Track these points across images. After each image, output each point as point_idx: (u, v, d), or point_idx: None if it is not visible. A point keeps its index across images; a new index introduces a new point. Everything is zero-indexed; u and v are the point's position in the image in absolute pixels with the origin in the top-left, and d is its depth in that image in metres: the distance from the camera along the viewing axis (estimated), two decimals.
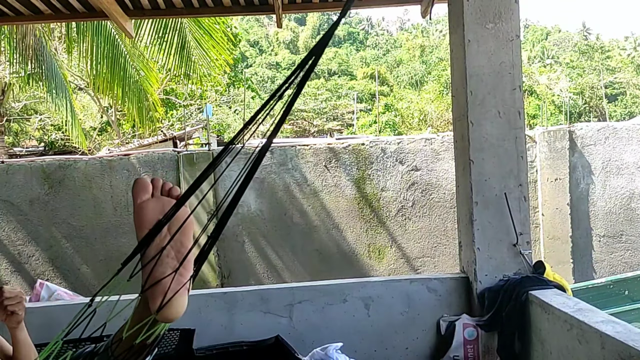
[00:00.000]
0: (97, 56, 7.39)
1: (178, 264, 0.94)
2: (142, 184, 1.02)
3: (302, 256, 5.85)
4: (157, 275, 0.93)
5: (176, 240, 0.96)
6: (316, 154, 5.81)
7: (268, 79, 39.08)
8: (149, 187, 1.02)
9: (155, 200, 1.02)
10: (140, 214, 1.00)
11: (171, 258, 0.96)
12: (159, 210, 1.00)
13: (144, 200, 1.01)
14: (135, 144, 12.46)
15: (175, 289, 0.92)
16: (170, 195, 1.03)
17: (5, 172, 5.55)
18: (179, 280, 0.94)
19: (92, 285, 5.40)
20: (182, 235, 0.97)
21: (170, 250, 0.96)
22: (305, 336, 2.79)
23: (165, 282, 0.92)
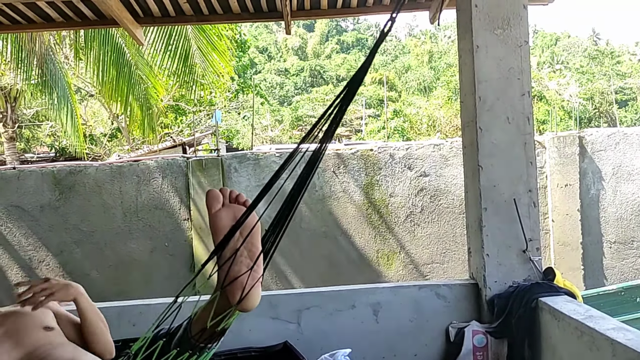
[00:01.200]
0: (104, 63, 7.47)
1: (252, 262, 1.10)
2: (214, 195, 1.20)
3: (311, 262, 5.85)
4: (234, 273, 1.09)
5: (247, 242, 1.13)
6: (324, 160, 5.82)
7: (277, 85, 39.20)
8: (220, 197, 1.20)
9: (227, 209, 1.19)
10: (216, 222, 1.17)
11: (244, 257, 1.12)
12: (231, 217, 1.17)
13: (218, 209, 1.18)
14: (145, 150, 12.53)
15: (251, 283, 1.09)
16: (237, 202, 1.22)
17: (17, 177, 5.61)
18: (254, 276, 1.10)
19: (102, 291, 5.42)
20: (252, 238, 1.15)
21: (243, 250, 1.12)
22: (314, 342, 2.79)
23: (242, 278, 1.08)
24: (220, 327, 1.13)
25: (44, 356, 1.63)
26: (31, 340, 1.67)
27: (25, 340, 1.66)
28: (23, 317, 1.73)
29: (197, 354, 1.20)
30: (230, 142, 17.56)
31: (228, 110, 18.18)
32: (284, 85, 39.75)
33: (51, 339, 1.72)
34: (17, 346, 1.64)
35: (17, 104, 12.00)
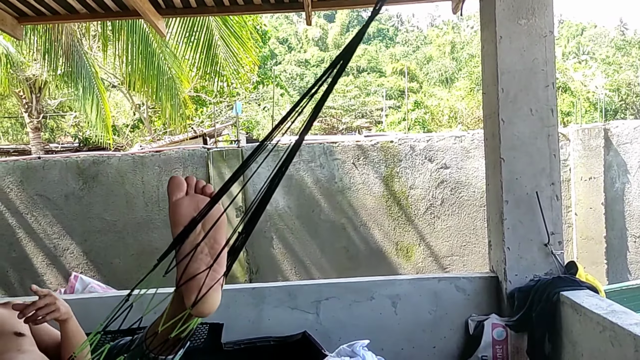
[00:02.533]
0: (131, 54, 7.54)
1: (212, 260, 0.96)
2: (177, 182, 1.05)
3: (330, 253, 5.86)
4: (191, 271, 0.96)
5: (210, 237, 0.98)
6: (344, 152, 5.81)
7: (297, 76, 39.18)
8: (184, 185, 1.06)
9: (190, 198, 1.05)
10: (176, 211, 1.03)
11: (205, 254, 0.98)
12: (194, 207, 1.03)
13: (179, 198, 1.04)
14: (167, 140, 12.66)
15: (209, 284, 0.94)
16: (204, 193, 1.06)
17: (42, 167, 5.71)
18: (213, 276, 0.96)
19: (124, 279, 5.51)
20: (215, 233, 1.00)
21: (204, 247, 0.98)
22: (332, 332, 2.80)
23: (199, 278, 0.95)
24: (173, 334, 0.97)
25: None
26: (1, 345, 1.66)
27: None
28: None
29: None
30: (250, 133, 17.63)
31: (248, 102, 18.24)
32: (304, 76, 39.69)
33: (20, 345, 1.70)
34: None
35: (41, 95, 12.20)
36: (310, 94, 0.94)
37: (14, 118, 16.94)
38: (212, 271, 0.96)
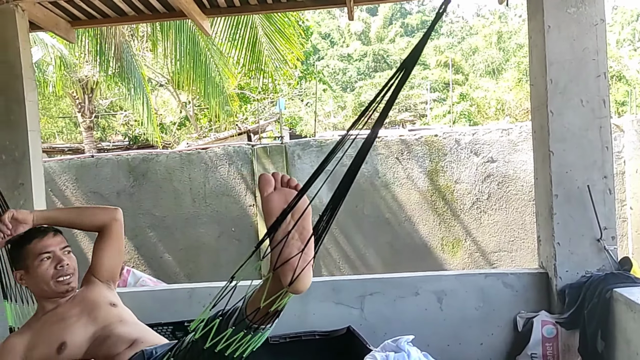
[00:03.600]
0: (179, 53, 7.72)
1: (303, 245, 1.12)
2: (266, 179, 1.23)
3: (374, 248, 5.85)
4: (285, 255, 1.12)
5: (299, 225, 1.14)
6: (388, 146, 5.78)
7: (339, 71, 39.09)
8: (272, 181, 1.23)
9: (278, 192, 1.22)
10: (268, 205, 1.20)
11: (296, 240, 1.14)
12: (283, 200, 1.19)
13: (270, 193, 1.21)
14: (212, 137, 12.89)
15: (302, 265, 1.11)
16: (289, 186, 1.24)
17: (95, 165, 5.93)
18: (304, 258, 1.12)
19: (173, 273, 5.67)
20: (303, 221, 1.15)
21: (294, 233, 1.14)
22: (377, 328, 2.81)
23: (293, 260, 1.10)
24: (273, 308, 1.16)
25: (113, 331, 1.77)
26: (102, 314, 1.84)
27: (98, 315, 1.84)
28: (91, 295, 1.93)
29: (252, 334, 1.23)
30: (293, 129, 17.74)
31: (291, 98, 18.35)
32: (347, 70, 39.56)
33: (120, 315, 1.88)
34: (93, 321, 1.82)
35: (93, 95, 12.63)
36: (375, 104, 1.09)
37: (68, 118, 17.63)
38: (304, 254, 1.12)
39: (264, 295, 1.16)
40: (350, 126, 1.15)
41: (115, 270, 2.08)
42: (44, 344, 1.78)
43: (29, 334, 1.83)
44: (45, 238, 1.89)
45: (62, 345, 1.75)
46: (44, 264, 1.85)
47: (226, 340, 1.20)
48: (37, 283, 1.87)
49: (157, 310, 2.78)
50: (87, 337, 1.77)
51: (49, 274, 1.85)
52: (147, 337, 1.78)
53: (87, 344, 1.76)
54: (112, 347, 1.71)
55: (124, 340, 1.73)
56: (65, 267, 1.87)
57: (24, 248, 1.88)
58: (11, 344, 1.81)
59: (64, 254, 1.90)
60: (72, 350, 1.74)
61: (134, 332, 1.78)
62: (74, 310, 1.85)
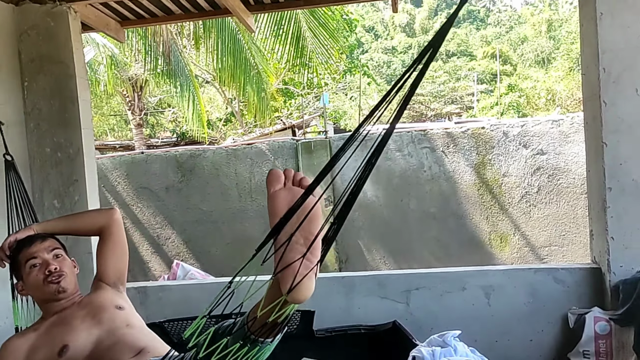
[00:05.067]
0: (221, 50, 7.85)
1: (305, 249, 1.01)
2: (275, 175, 1.11)
3: (419, 243, 5.79)
4: (287, 260, 1.01)
5: (304, 227, 1.02)
6: (433, 139, 5.70)
7: (384, 64, 38.77)
8: (282, 178, 1.12)
9: (287, 190, 1.10)
10: (273, 203, 1.09)
11: (300, 244, 1.02)
12: (290, 199, 1.07)
13: (277, 189, 1.10)
14: (257, 133, 13.04)
15: (304, 273, 0.99)
16: (301, 185, 1.11)
17: (145, 161, 6.10)
18: (307, 264, 1.00)
19: (221, 266, 5.78)
20: (309, 223, 1.03)
21: (299, 237, 1.02)
22: (423, 322, 2.79)
23: (294, 266, 0.99)
24: (271, 318, 1.04)
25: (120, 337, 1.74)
26: (106, 317, 1.81)
27: (103, 318, 1.80)
28: (97, 298, 1.90)
29: (249, 346, 1.12)
30: (337, 124, 17.73)
31: (335, 92, 18.34)
32: (391, 63, 39.18)
33: (127, 319, 1.84)
34: (97, 324, 1.78)
35: (143, 93, 12.99)
36: (400, 83, 0.94)
37: (118, 115, 18.20)
38: (306, 260, 1.00)
39: (262, 302, 1.07)
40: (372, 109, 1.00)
41: (122, 272, 2.05)
42: (46, 346, 1.76)
43: (33, 336, 1.81)
44: (33, 245, 1.88)
45: (64, 347, 1.72)
46: (33, 270, 1.85)
47: (221, 352, 1.10)
48: (33, 290, 1.87)
49: (204, 302, 2.85)
50: (91, 341, 1.74)
51: (39, 280, 1.84)
52: (154, 345, 1.74)
53: (90, 347, 1.73)
54: (117, 354, 1.68)
55: (131, 348, 1.69)
56: (52, 270, 1.84)
57: (16, 259, 1.90)
58: (14, 345, 1.81)
59: (53, 257, 1.88)
60: (74, 353, 1.71)
61: (141, 339, 1.74)
62: (78, 314, 1.83)
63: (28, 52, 3.03)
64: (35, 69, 3.03)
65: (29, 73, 3.03)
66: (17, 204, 2.51)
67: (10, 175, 2.58)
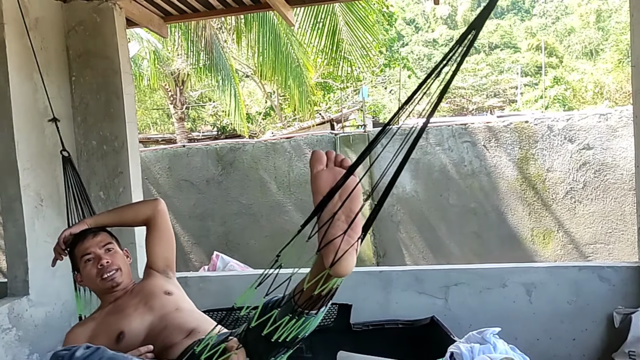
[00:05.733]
0: (262, 44, 7.90)
1: (347, 226, 1.08)
2: (317, 156, 1.19)
3: (459, 238, 5.71)
4: (329, 236, 1.08)
5: (346, 206, 1.09)
6: (474, 133, 5.60)
7: (424, 57, 38.28)
8: (324, 159, 1.19)
9: (329, 171, 1.18)
10: (316, 183, 1.17)
11: (342, 221, 1.10)
12: (332, 179, 1.14)
13: (319, 170, 1.18)
14: (296, 127, 13.10)
15: (345, 248, 1.07)
16: (342, 166, 1.19)
17: (186, 154, 6.22)
18: (348, 240, 1.08)
19: (260, 258, 5.84)
20: (351, 202, 1.10)
21: (341, 214, 1.09)
22: (461, 319, 2.75)
23: (336, 241, 1.07)
24: (316, 291, 1.12)
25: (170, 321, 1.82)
26: (157, 304, 1.90)
27: (154, 305, 1.90)
28: (148, 286, 2.00)
29: (296, 318, 1.20)
30: (376, 117, 17.64)
31: (374, 85, 18.24)
32: (432, 56, 38.64)
33: (176, 302, 1.93)
34: (149, 311, 1.88)
35: (184, 87, 13.23)
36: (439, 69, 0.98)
37: (161, 109, 18.60)
38: (347, 236, 1.07)
39: (308, 276, 1.15)
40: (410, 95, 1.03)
41: (170, 259, 2.14)
42: (104, 333, 1.86)
43: (92, 325, 1.93)
44: (85, 241, 2.00)
45: (120, 334, 1.82)
46: (87, 265, 1.97)
47: (272, 324, 1.18)
48: (89, 283, 2.00)
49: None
50: (144, 327, 1.83)
51: (93, 274, 1.96)
52: (204, 326, 1.81)
53: (144, 332, 1.81)
54: (169, 337, 1.76)
55: (181, 330, 1.76)
56: (105, 265, 1.95)
57: (73, 253, 2.03)
58: (75, 334, 1.92)
59: (105, 252, 1.98)
60: (130, 339, 1.80)
61: (191, 321, 1.82)
62: (132, 302, 1.93)
63: (76, 48, 3.12)
64: (82, 64, 3.12)
65: (76, 68, 3.12)
66: (75, 197, 2.60)
67: (67, 171, 2.67)
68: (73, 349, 1.41)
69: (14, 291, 2.64)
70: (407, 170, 5.65)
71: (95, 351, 1.41)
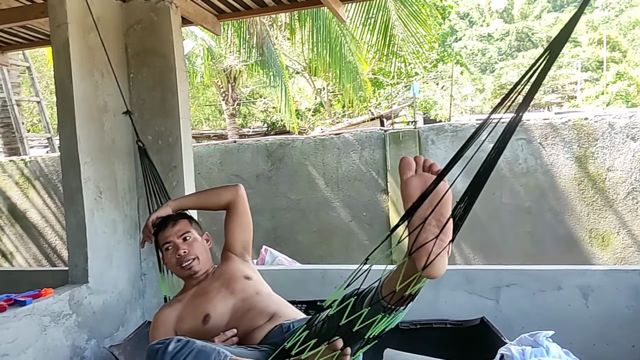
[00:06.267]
0: (316, 39, 7.94)
1: (439, 230, 1.12)
2: (407, 163, 1.23)
3: (512, 238, 5.56)
4: (421, 240, 1.12)
5: (437, 211, 1.13)
6: (530, 130, 5.43)
7: (478, 52, 37.42)
8: (413, 165, 1.23)
9: (418, 177, 1.22)
10: (406, 189, 1.21)
11: (432, 226, 1.13)
12: (422, 185, 1.19)
13: (409, 176, 1.22)
14: (345, 123, 13.08)
15: (437, 251, 1.11)
16: (431, 171, 1.23)
17: (237, 150, 6.33)
18: (440, 244, 1.12)
19: (307, 254, 5.88)
20: (442, 207, 1.14)
21: (431, 219, 1.13)
22: (513, 321, 2.68)
23: (428, 245, 1.11)
24: (407, 291, 1.18)
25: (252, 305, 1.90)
26: (238, 287, 1.99)
27: (235, 288, 1.99)
28: (228, 269, 2.10)
29: (387, 316, 1.25)
30: (427, 114, 17.39)
31: (426, 81, 17.97)
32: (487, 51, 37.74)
33: (255, 286, 2.02)
34: (231, 294, 1.97)
35: (236, 84, 13.46)
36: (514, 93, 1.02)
37: (213, 106, 18.99)
38: (439, 240, 1.11)
39: (400, 278, 1.18)
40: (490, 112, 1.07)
41: (247, 242, 2.24)
42: (190, 316, 1.96)
43: (179, 307, 2.03)
44: (165, 230, 2.11)
45: (206, 317, 1.91)
46: (167, 253, 2.09)
47: (363, 321, 1.23)
48: (171, 268, 2.13)
49: (290, 288, 2.91)
50: (227, 309, 1.92)
51: (172, 262, 2.08)
52: (285, 310, 1.89)
53: (228, 315, 1.91)
54: (252, 320, 1.84)
55: (263, 314, 1.85)
56: (183, 255, 2.05)
57: (156, 240, 2.15)
58: (164, 315, 2.04)
59: (183, 241, 2.08)
60: (215, 322, 1.89)
61: (272, 305, 1.90)
62: (214, 284, 2.03)
63: (134, 46, 3.22)
64: (139, 61, 3.22)
65: (134, 66, 3.23)
66: (152, 186, 2.74)
67: (144, 161, 2.80)
68: (166, 342, 1.50)
69: (74, 279, 2.76)
70: (458, 168, 5.53)
71: (186, 344, 1.48)
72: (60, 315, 2.57)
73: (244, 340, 1.81)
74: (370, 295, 1.29)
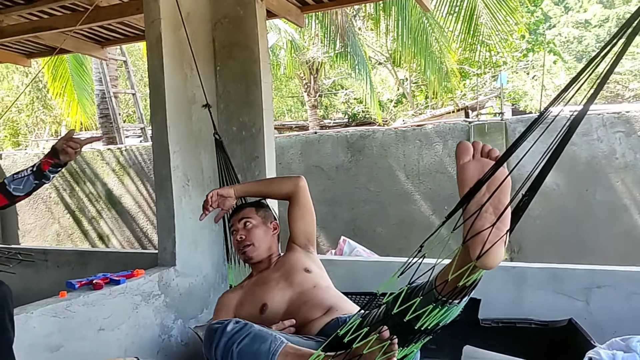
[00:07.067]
0: (401, 29, 7.83)
1: (496, 218, 1.06)
2: (464, 147, 1.18)
3: (606, 237, 5.22)
4: (477, 228, 1.07)
5: (494, 197, 1.07)
6: (630, 123, 5.06)
7: (574, 39, 35.26)
8: (471, 150, 1.18)
9: (476, 162, 1.17)
10: (463, 174, 1.17)
11: (489, 213, 1.08)
12: (479, 170, 1.14)
13: (466, 161, 1.17)
14: (428, 114, 12.83)
15: (493, 240, 1.05)
16: (489, 157, 1.17)
17: (318, 141, 6.39)
18: (497, 233, 1.05)
19: (386, 246, 5.85)
20: (500, 194, 1.08)
21: (488, 206, 1.08)
22: (604, 324, 2.53)
23: (484, 234, 1.05)
24: (461, 282, 1.12)
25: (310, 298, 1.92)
26: (298, 279, 2.01)
27: (293, 281, 2.01)
28: (289, 261, 2.12)
29: (440, 307, 1.21)
30: (516, 105, 16.65)
31: (515, 71, 17.19)
32: (583, 39, 35.46)
33: (314, 279, 2.02)
34: (289, 286, 2.00)
35: (318, 75, 13.57)
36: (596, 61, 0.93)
37: (295, 97, 19.26)
38: (496, 228, 1.05)
39: (453, 267, 1.14)
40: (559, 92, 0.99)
41: (310, 234, 2.25)
42: (249, 303, 2.02)
43: (240, 293, 2.11)
44: (234, 214, 2.22)
45: (264, 306, 1.95)
46: (233, 237, 2.19)
47: (415, 311, 1.19)
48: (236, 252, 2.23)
49: (368, 280, 2.91)
50: (284, 300, 1.95)
51: (235, 246, 2.18)
52: (341, 304, 1.89)
53: (284, 306, 1.94)
54: (308, 312, 1.85)
55: (319, 307, 1.86)
56: (239, 241, 2.14)
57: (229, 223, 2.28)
58: (226, 299, 2.12)
59: (243, 227, 2.15)
60: (272, 312, 1.93)
61: (328, 299, 1.91)
62: (274, 275, 2.07)
63: (221, 40, 3.33)
64: (225, 54, 3.32)
65: (220, 59, 3.34)
66: (226, 178, 2.85)
67: (219, 153, 2.91)
68: (225, 323, 1.54)
69: (163, 262, 2.91)
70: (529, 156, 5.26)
71: (244, 326, 1.51)
72: (150, 295, 2.73)
73: (301, 331, 1.82)
74: (425, 285, 1.26)
